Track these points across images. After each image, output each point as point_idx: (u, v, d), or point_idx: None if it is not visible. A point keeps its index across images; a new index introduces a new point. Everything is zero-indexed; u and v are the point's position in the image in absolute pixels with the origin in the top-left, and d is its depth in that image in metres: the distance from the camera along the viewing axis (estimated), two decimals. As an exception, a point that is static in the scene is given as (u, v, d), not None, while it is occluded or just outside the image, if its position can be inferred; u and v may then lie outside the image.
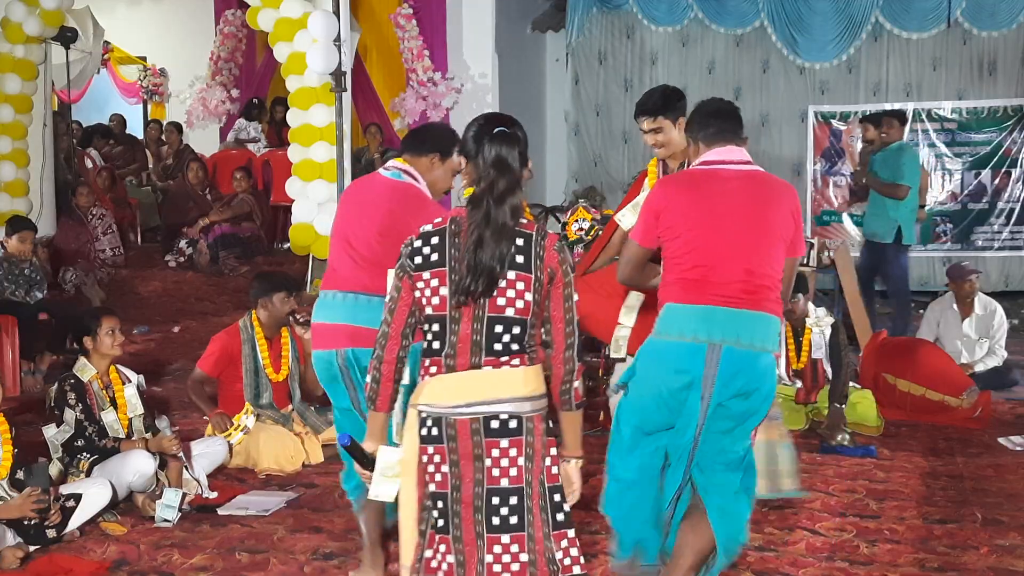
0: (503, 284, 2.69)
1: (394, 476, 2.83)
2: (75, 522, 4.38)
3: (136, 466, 4.67)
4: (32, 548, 4.24)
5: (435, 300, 2.73)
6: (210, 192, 10.44)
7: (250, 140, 11.60)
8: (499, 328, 2.70)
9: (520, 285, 2.70)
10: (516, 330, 2.72)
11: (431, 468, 2.75)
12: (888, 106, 10.34)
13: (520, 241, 2.71)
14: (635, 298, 4.08)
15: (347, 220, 3.81)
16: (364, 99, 11.15)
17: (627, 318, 4.10)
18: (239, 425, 5.36)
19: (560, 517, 2.80)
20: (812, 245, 7.33)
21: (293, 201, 8.98)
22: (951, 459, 5.56)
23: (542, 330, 2.77)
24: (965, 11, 10.35)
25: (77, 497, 4.40)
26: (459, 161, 3.90)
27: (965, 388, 6.33)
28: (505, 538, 2.74)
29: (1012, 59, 10.37)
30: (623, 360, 4.30)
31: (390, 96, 11.06)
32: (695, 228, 3.30)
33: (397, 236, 3.02)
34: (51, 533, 4.29)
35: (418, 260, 2.75)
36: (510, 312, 2.70)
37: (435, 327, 2.75)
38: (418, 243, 2.77)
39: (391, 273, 2.83)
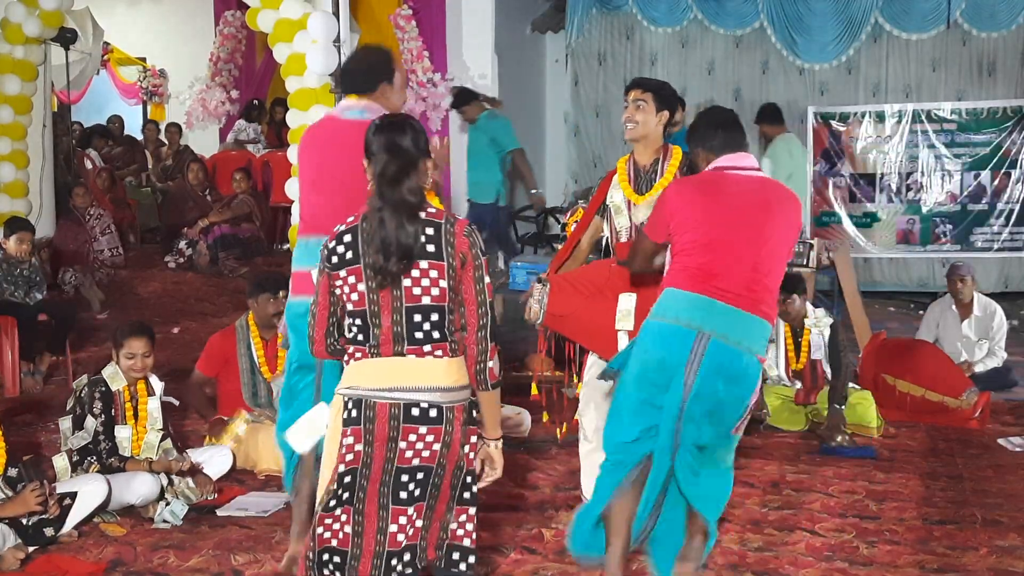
0: (416, 274, 2.77)
1: (314, 433, 3.07)
2: (72, 520, 4.37)
3: (139, 490, 4.63)
4: (31, 548, 4.23)
5: (354, 296, 2.82)
6: (210, 193, 10.43)
7: (250, 141, 11.60)
8: (418, 317, 2.79)
9: (433, 273, 2.78)
10: (434, 317, 2.80)
11: (342, 450, 2.83)
12: (888, 107, 10.36)
13: (430, 230, 2.78)
14: (627, 300, 4.07)
15: (324, 166, 3.70)
16: (364, 100, 11.13)
17: (626, 322, 4.10)
18: (230, 432, 5.36)
19: (467, 496, 2.93)
20: (811, 246, 7.30)
21: (292, 202, 8.96)
22: (951, 459, 5.55)
23: (460, 312, 2.84)
24: (965, 12, 10.33)
25: (73, 495, 4.38)
26: (402, 77, 3.89)
27: (965, 389, 6.31)
28: (410, 510, 2.84)
29: (1012, 60, 10.35)
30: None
31: (390, 97, 11.04)
32: (707, 227, 3.41)
33: None
34: (49, 532, 4.28)
35: (335, 260, 2.84)
36: (426, 300, 2.78)
37: (357, 321, 2.83)
38: (332, 244, 2.85)
39: (314, 273, 2.94)
